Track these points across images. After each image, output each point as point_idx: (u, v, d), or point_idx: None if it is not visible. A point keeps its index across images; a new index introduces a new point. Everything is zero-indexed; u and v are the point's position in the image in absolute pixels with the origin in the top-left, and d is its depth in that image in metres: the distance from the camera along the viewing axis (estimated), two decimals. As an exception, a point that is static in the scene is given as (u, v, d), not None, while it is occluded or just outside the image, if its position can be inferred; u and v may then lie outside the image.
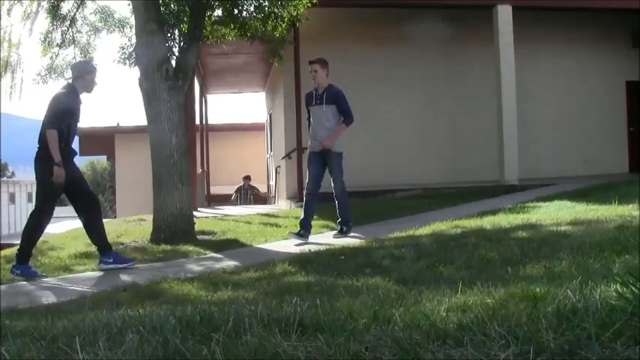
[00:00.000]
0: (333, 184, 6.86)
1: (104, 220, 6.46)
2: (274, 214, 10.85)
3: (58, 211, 6.53)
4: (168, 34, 8.65)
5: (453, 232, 5.53)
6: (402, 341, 1.53)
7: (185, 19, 8.75)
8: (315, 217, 8.76)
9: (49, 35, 10.35)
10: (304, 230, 6.71)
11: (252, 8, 9.21)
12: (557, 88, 13.65)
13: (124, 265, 5.67)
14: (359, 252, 4.86)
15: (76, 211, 5.82)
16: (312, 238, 6.68)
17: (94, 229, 5.80)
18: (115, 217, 20.68)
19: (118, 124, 24.25)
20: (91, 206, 5.87)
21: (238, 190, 14.98)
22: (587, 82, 13.81)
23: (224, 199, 17.60)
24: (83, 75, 5.75)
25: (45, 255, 6.91)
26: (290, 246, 6.29)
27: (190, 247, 6.83)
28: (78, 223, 6.37)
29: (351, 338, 1.62)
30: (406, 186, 11.75)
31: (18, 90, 11.79)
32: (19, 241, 5.74)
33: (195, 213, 9.44)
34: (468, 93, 13.20)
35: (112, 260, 5.67)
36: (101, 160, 51.56)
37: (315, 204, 6.87)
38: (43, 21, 10.51)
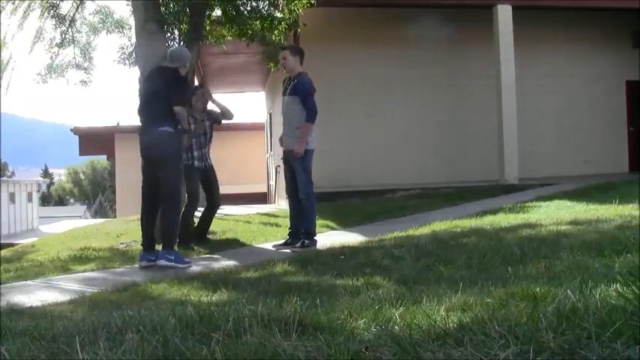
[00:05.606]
0: (298, 187, 6.10)
1: (104, 220, 6.45)
2: (274, 213, 10.85)
3: (58, 211, 6.53)
4: (168, 34, 8.65)
5: (453, 232, 5.52)
6: (402, 341, 1.53)
7: (185, 19, 8.75)
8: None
9: (44, 35, 10.39)
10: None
11: (249, 8, 9.20)
12: (557, 87, 13.65)
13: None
14: (359, 252, 4.85)
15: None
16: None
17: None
18: (115, 216, 20.69)
19: (118, 124, 24.35)
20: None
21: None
22: (587, 82, 13.82)
23: (224, 199, 17.53)
24: (185, 62, 5.76)
25: (44, 255, 6.92)
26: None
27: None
28: (77, 223, 6.37)
29: (351, 338, 1.62)
30: (406, 186, 11.76)
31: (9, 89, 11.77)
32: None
33: (195, 213, 9.41)
34: (468, 93, 13.20)
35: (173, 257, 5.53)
36: (101, 159, 51.62)
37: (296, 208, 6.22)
38: (37, 20, 10.50)
